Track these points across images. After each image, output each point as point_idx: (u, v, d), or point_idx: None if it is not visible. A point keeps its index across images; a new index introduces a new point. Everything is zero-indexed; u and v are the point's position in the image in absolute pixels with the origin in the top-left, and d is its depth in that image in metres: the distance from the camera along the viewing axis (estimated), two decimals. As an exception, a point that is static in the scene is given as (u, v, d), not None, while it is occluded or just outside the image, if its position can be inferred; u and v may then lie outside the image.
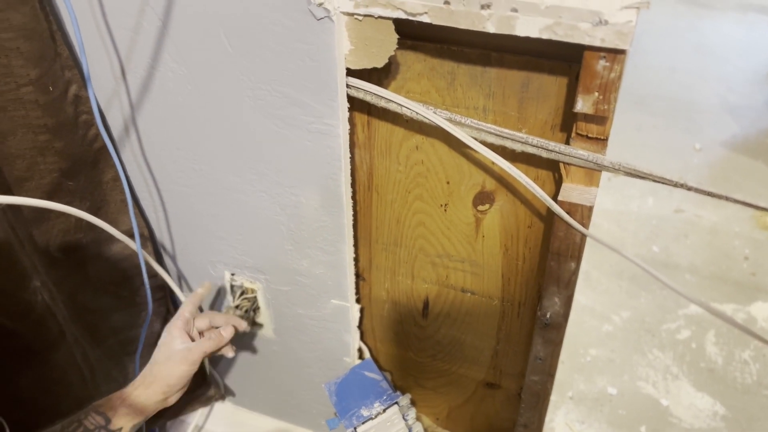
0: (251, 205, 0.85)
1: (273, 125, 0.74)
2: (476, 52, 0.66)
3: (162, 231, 0.94)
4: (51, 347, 0.78)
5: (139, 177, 0.88)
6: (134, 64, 0.76)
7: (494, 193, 0.77)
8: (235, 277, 0.95)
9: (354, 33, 0.65)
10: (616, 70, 0.57)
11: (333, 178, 0.77)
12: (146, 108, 0.80)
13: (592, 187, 0.68)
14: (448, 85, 0.70)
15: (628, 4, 0.53)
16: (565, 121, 0.67)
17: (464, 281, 0.88)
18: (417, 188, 0.80)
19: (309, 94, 0.70)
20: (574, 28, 0.55)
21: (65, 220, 0.80)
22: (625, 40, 0.54)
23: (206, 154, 0.82)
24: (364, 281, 0.95)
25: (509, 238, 0.80)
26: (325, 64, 0.66)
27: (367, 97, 0.71)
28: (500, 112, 0.70)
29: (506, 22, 0.57)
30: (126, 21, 0.72)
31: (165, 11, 0.70)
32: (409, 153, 0.78)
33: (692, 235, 1.75)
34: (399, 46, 0.65)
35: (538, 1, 0.55)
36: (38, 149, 0.72)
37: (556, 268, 0.73)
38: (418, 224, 0.84)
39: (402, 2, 0.60)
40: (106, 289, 0.89)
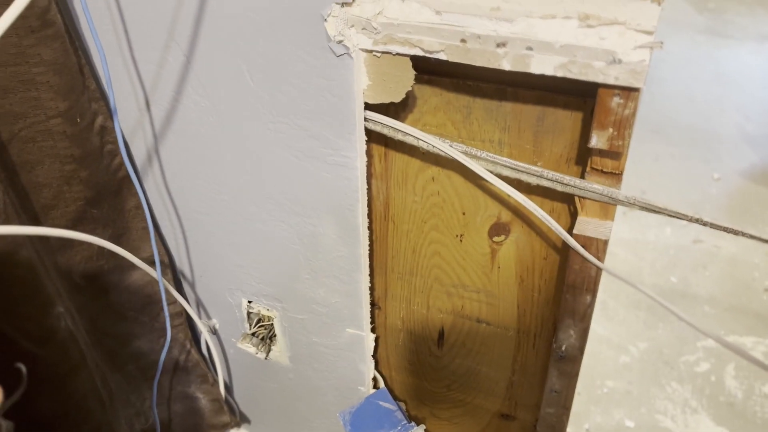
0: (270, 234, 0.86)
1: (293, 157, 0.76)
2: (492, 86, 0.68)
3: (182, 258, 0.96)
4: (73, 372, 0.79)
5: (160, 205, 0.90)
6: (158, 96, 0.78)
7: (510, 224, 0.77)
8: (252, 304, 0.96)
9: (372, 69, 0.67)
10: (630, 107, 0.58)
11: (350, 209, 0.78)
12: (169, 138, 0.82)
13: (607, 220, 0.68)
14: (464, 119, 0.71)
15: (642, 44, 0.54)
16: (580, 155, 0.68)
17: (479, 312, 0.88)
18: (433, 218, 0.81)
19: (328, 127, 0.71)
20: (588, 66, 0.56)
21: (88, 248, 0.82)
22: (639, 79, 0.55)
23: (227, 184, 0.83)
24: (379, 310, 0.95)
25: (525, 269, 0.80)
26: (344, 99, 0.68)
27: (385, 130, 0.72)
28: (516, 146, 0.71)
29: (521, 60, 0.58)
30: (151, 55, 0.75)
31: (189, 46, 0.72)
32: (425, 184, 0.79)
33: (711, 266, 1.73)
34: (416, 81, 0.66)
35: (552, 40, 0.57)
36: (65, 178, 0.75)
37: (571, 300, 0.73)
38: (434, 254, 0.85)
39: (419, 40, 0.62)
40: (126, 315, 0.90)
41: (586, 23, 0.56)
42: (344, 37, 0.64)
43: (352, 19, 0.63)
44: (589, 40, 0.56)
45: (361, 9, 0.62)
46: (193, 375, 0.99)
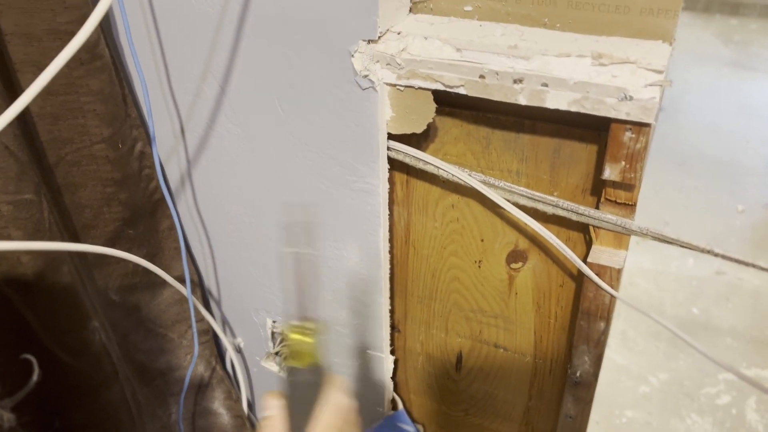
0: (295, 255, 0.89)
1: (319, 183, 0.79)
2: (510, 119, 0.71)
3: (210, 278, 1.00)
4: (105, 384, 0.83)
5: (191, 227, 0.95)
6: (193, 124, 0.83)
7: (527, 251, 0.79)
8: (276, 324, 1.00)
9: (396, 102, 0.70)
10: (641, 142, 0.61)
11: (372, 233, 0.81)
12: (202, 163, 0.86)
13: (621, 250, 0.70)
14: (483, 149, 0.74)
15: (652, 82, 0.57)
16: (595, 186, 0.71)
17: (497, 337, 0.90)
18: (452, 244, 0.84)
19: (353, 155, 0.75)
20: (600, 102, 0.59)
21: (123, 266, 0.86)
22: (650, 115, 0.58)
23: (255, 207, 0.87)
24: (399, 333, 0.98)
25: (541, 296, 0.82)
26: (369, 129, 0.72)
27: (407, 159, 0.76)
28: (533, 176, 0.74)
29: (537, 96, 0.62)
30: (188, 86, 0.79)
31: (224, 78, 0.77)
32: (445, 211, 0.81)
33: (734, 298, 1.72)
34: (437, 113, 0.70)
35: (566, 77, 0.60)
36: (105, 200, 0.79)
37: (585, 327, 0.75)
38: (453, 279, 0.87)
39: (440, 75, 0.65)
40: (155, 331, 0.94)
41: (599, 62, 0.59)
42: (370, 71, 0.68)
43: (378, 55, 0.67)
44: (602, 78, 0.59)
45: (386, 46, 0.66)
46: (218, 391, 1.02)
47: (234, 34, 0.72)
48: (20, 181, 0.67)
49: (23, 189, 0.67)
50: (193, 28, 0.73)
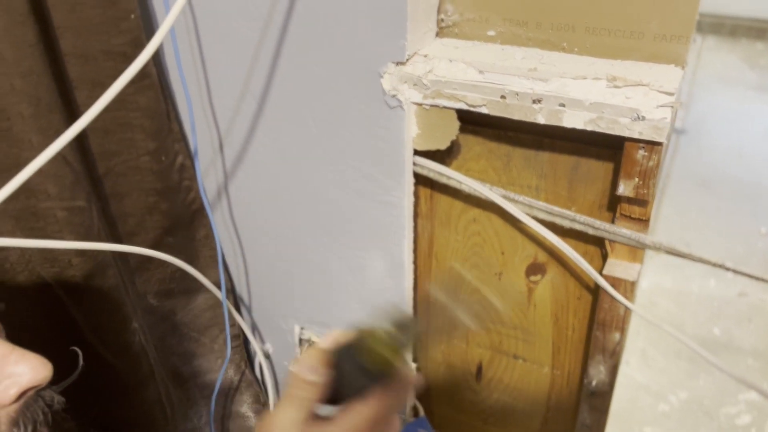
0: (323, 265, 0.94)
1: (348, 196, 0.84)
2: (530, 137, 0.75)
3: (242, 285, 1.05)
4: (142, 384, 0.88)
5: (226, 236, 1.00)
6: (232, 139, 0.88)
7: (546, 264, 0.83)
8: (304, 331, 1.04)
9: (421, 120, 0.75)
10: (654, 159, 0.64)
11: (397, 245, 0.85)
12: (238, 176, 0.92)
13: (635, 263, 0.73)
14: (504, 166, 0.78)
15: (663, 103, 0.61)
16: (611, 202, 0.74)
17: (516, 348, 0.93)
18: (473, 257, 0.87)
19: (380, 170, 0.79)
20: (615, 122, 0.63)
21: (162, 271, 0.91)
22: (662, 134, 0.62)
23: (286, 218, 0.92)
24: (421, 342, 1.01)
25: (559, 308, 0.85)
26: (395, 146, 0.76)
27: (431, 174, 0.80)
28: (552, 192, 0.77)
29: (555, 115, 0.66)
30: (228, 103, 0.85)
31: (261, 95, 0.82)
32: (467, 224, 0.85)
33: (756, 319, 1.72)
34: (461, 131, 0.74)
35: (582, 98, 0.64)
36: (147, 209, 0.85)
37: (601, 338, 0.78)
38: (474, 291, 0.90)
39: (464, 96, 0.70)
40: (190, 335, 0.99)
41: (613, 84, 0.63)
42: (397, 91, 0.73)
43: (405, 76, 0.71)
44: (616, 99, 0.63)
45: (413, 67, 0.71)
46: (247, 395, 1.06)
47: (272, 54, 0.77)
48: (74, 189, 0.72)
49: (77, 196, 0.73)
50: (235, 49, 0.79)
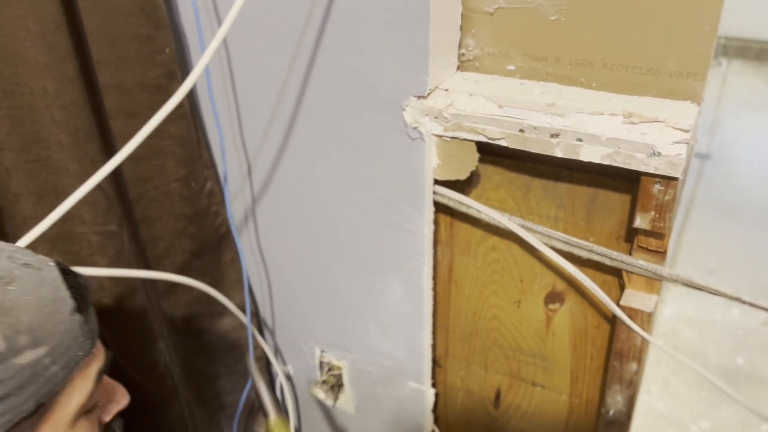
0: (344, 289, 0.96)
1: (369, 223, 0.86)
2: (549, 168, 0.76)
3: (265, 307, 1.07)
4: (166, 403, 0.90)
5: (251, 259, 1.02)
6: (259, 166, 0.91)
7: (564, 293, 0.84)
8: (324, 354, 1.06)
9: (442, 151, 0.77)
10: (670, 194, 0.65)
11: (416, 271, 0.87)
12: (264, 201, 0.94)
13: (652, 294, 0.74)
14: (523, 195, 0.80)
15: (679, 140, 0.62)
16: (629, 233, 0.75)
17: (535, 375, 0.93)
18: (493, 284, 0.89)
19: (401, 198, 0.81)
20: (631, 157, 0.64)
21: (188, 294, 0.94)
22: (677, 170, 0.63)
23: (310, 242, 0.94)
24: (440, 368, 1.02)
25: (578, 336, 0.86)
26: (416, 175, 0.78)
27: (451, 203, 0.82)
28: (570, 222, 0.79)
29: (572, 149, 0.67)
30: (257, 131, 0.88)
31: (288, 125, 0.85)
32: (486, 252, 0.87)
33: (782, 350, 1.70)
34: (480, 161, 0.76)
35: (599, 133, 0.65)
36: (176, 233, 0.88)
37: (618, 367, 0.78)
38: (493, 318, 0.92)
39: (483, 129, 0.72)
40: (213, 356, 1.01)
41: (629, 120, 0.65)
42: (419, 123, 0.75)
43: (426, 109, 0.74)
44: (632, 135, 0.64)
45: (434, 101, 0.73)
46: (267, 416, 1.08)
47: (299, 86, 0.80)
48: (107, 215, 0.75)
49: (109, 221, 0.76)
50: (264, 81, 0.82)
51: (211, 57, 0.65)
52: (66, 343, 0.46)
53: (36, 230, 0.60)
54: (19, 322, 0.43)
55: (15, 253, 0.48)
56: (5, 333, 0.43)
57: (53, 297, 0.47)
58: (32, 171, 0.70)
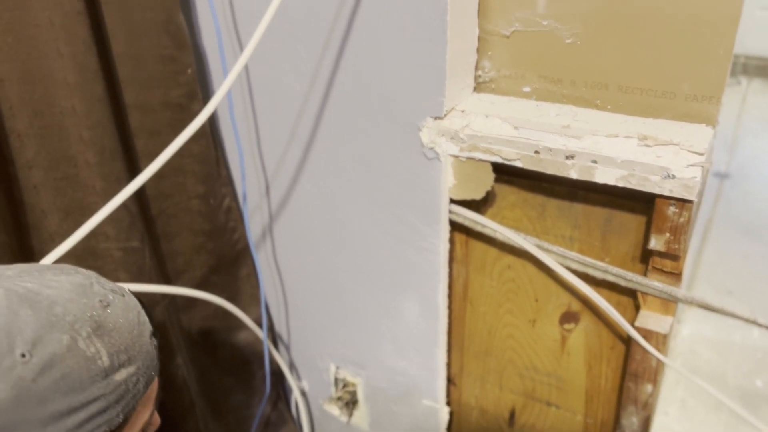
0: (360, 306, 0.97)
1: (385, 240, 0.87)
2: (564, 189, 0.77)
3: (281, 323, 1.08)
4: (183, 417, 0.91)
5: (268, 275, 1.04)
6: (278, 184, 0.92)
7: (579, 313, 0.84)
8: (339, 370, 1.06)
9: (457, 171, 0.78)
10: (684, 216, 0.66)
11: (432, 289, 0.87)
12: (281, 218, 0.96)
13: (667, 316, 0.74)
14: (538, 215, 0.81)
15: (693, 163, 0.63)
16: (644, 254, 0.75)
17: (549, 395, 0.93)
18: (508, 303, 0.89)
19: (417, 217, 0.82)
20: (645, 179, 0.65)
21: (206, 309, 0.95)
22: (692, 192, 0.63)
23: (326, 259, 0.96)
24: (454, 386, 1.02)
25: (593, 356, 0.86)
26: (432, 195, 0.79)
27: (466, 222, 0.82)
28: (585, 242, 0.79)
29: (587, 171, 0.68)
30: (276, 150, 0.90)
31: (307, 144, 0.86)
32: (501, 271, 0.87)
33: (803, 372, 1.67)
34: (496, 180, 0.77)
35: (614, 156, 0.66)
36: (195, 249, 0.89)
37: (633, 389, 0.78)
38: (508, 336, 0.92)
39: (499, 150, 0.72)
40: (229, 371, 1.02)
41: (644, 143, 0.65)
42: (435, 144, 0.76)
43: (443, 130, 0.75)
44: (647, 157, 0.64)
45: (450, 122, 0.75)
46: (282, 430, 1.09)
47: (317, 107, 0.82)
48: (130, 231, 0.77)
49: (132, 237, 0.78)
50: (283, 101, 0.84)
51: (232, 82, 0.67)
52: (147, 363, 0.50)
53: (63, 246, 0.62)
54: (118, 341, 0.48)
55: (99, 279, 0.52)
56: (109, 351, 0.47)
57: (137, 320, 0.51)
58: (60, 188, 0.72)
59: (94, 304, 0.48)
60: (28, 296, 0.45)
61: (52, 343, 0.44)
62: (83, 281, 0.49)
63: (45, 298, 0.46)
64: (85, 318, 0.47)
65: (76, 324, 0.46)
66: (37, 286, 0.47)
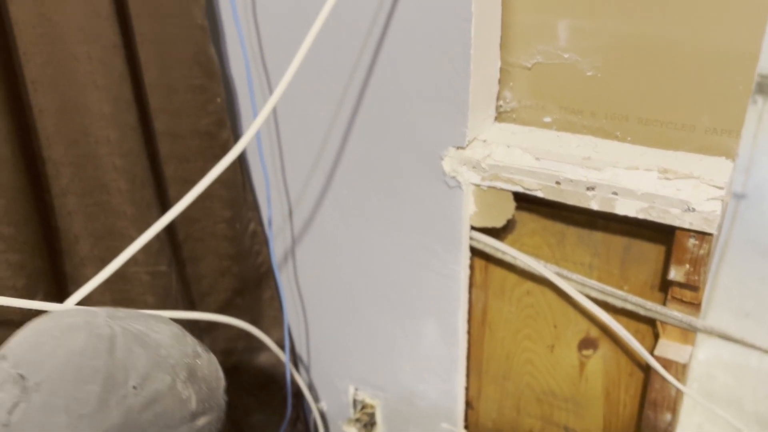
0: (380, 329, 0.98)
1: (406, 266, 0.89)
2: (584, 217, 0.78)
3: (301, 344, 1.10)
4: (205, 437, 0.93)
5: (288, 297, 1.05)
6: (301, 209, 0.94)
7: (598, 340, 0.84)
8: (358, 391, 1.07)
9: (479, 199, 0.79)
10: (704, 248, 0.67)
11: (452, 314, 0.89)
12: (304, 242, 0.98)
13: (687, 345, 0.75)
14: (558, 242, 0.82)
15: (713, 196, 0.64)
16: (663, 283, 0.76)
17: (567, 420, 0.94)
18: (526, 328, 0.90)
19: (438, 244, 0.84)
20: (666, 212, 0.66)
21: (229, 331, 0.97)
22: (712, 226, 0.64)
23: (348, 283, 0.97)
24: (472, 410, 1.03)
25: (611, 383, 0.86)
26: (453, 222, 0.81)
27: (487, 249, 0.84)
28: (604, 270, 0.80)
29: (608, 203, 0.69)
30: (300, 176, 0.92)
31: (330, 171, 0.88)
32: (520, 296, 0.88)
33: (822, 398, 1.65)
34: (516, 207, 0.78)
35: (635, 188, 0.67)
36: (220, 272, 0.91)
37: (652, 418, 0.79)
38: (526, 362, 0.92)
39: (520, 180, 0.74)
40: (250, 391, 1.04)
41: (664, 176, 0.67)
42: (457, 173, 0.78)
43: (464, 159, 0.76)
44: (667, 190, 0.66)
45: (472, 152, 0.76)
46: (301, 452, 1.10)
47: (342, 134, 0.84)
48: (159, 255, 0.79)
49: (160, 261, 0.80)
50: (308, 128, 0.86)
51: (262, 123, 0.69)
52: (219, 415, 0.55)
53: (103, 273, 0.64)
54: (204, 390, 0.53)
55: (187, 333, 0.57)
56: (198, 397, 0.52)
57: (216, 376, 0.57)
58: (92, 214, 0.75)
59: (189, 352, 0.53)
60: (140, 336, 0.50)
61: (158, 381, 0.49)
62: (178, 332, 0.55)
63: (153, 340, 0.51)
64: (183, 363, 0.52)
65: (176, 367, 0.51)
66: (145, 329, 0.52)
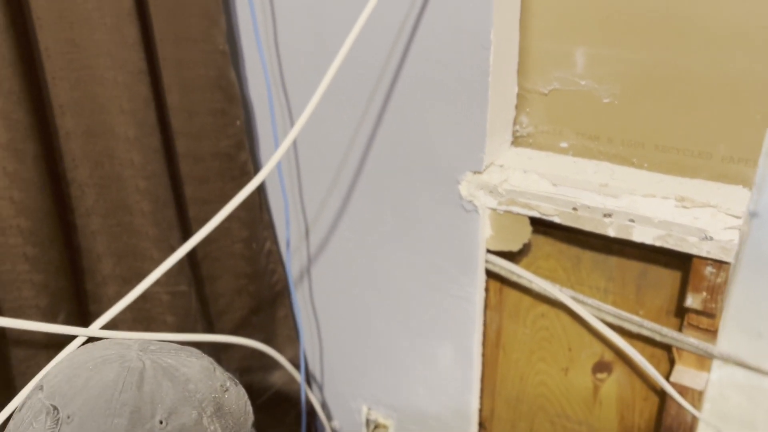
0: (394, 350, 0.98)
1: (422, 287, 0.89)
2: (600, 242, 0.78)
3: (315, 363, 1.10)
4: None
5: (303, 315, 1.06)
6: (317, 229, 0.95)
7: (612, 364, 0.84)
8: (371, 411, 1.08)
9: (495, 223, 0.80)
10: (722, 277, 0.67)
11: (467, 337, 0.89)
12: (319, 262, 0.99)
13: (703, 372, 0.75)
14: (573, 266, 0.82)
15: (731, 225, 0.64)
16: (679, 309, 0.76)
17: (581, 443, 0.93)
18: (540, 350, 0.90)
19: (454, 266, 0.84)
20: (683, 240, 0.66)
21: (244, 349, 0.98)
22: (729, 254, 0.64)
23: (363, 304, 0.98)
24: (485, 431, 1.03)
25: (625, 407, 0.86)
26: (470, 245, 0.81)
27: (502, 272, 0.84)
28: (620, 294, 0.80)
29: (624, 230, 0.70)
30: (317, 198, 0.93)
31: (347, 192, 0.89)
32: (535, 319, 0.88)
33: (837, 421, 1.63)
34: (532, 231, 0.79)
35: (652, 216, 0.67)
36: (236, 291, 0.92)
37: (668, 443, 0.78)
38: (540, 384, 0.92)
39: (537, 205, 0.74)
40: (264, 408, 1.04)
41: (682, 204, 0.67)
42: (474, 197, 0.78)
43: (481, 184, 0.77)
44: (684, 219, 0.66)
45: (489, 177, 0.77)
46: (314, 470, 1.10)
47: (359, 157, 0.85)
48: (179, 276, 0.80)
49: (180, 281, 0.81)
50: (326, 152, 0.87)
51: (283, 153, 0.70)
52: None
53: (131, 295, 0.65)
54: (231, 424, 0.54)
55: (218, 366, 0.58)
56: (225, 429, 0.52)
57: (244, 410, 0.57)
58: (115, 234, 0.76)
59: (217, 387, 0.54)
60: (170, 370, 0.51)
61: (184, 416, 0.50)
62: (208, 365, 0.56)
63: (182, 374, 0.52)
64: (210, 398, 0.52)
65: (203, 402, 0.51)
66: (175, 363, 0.53)
